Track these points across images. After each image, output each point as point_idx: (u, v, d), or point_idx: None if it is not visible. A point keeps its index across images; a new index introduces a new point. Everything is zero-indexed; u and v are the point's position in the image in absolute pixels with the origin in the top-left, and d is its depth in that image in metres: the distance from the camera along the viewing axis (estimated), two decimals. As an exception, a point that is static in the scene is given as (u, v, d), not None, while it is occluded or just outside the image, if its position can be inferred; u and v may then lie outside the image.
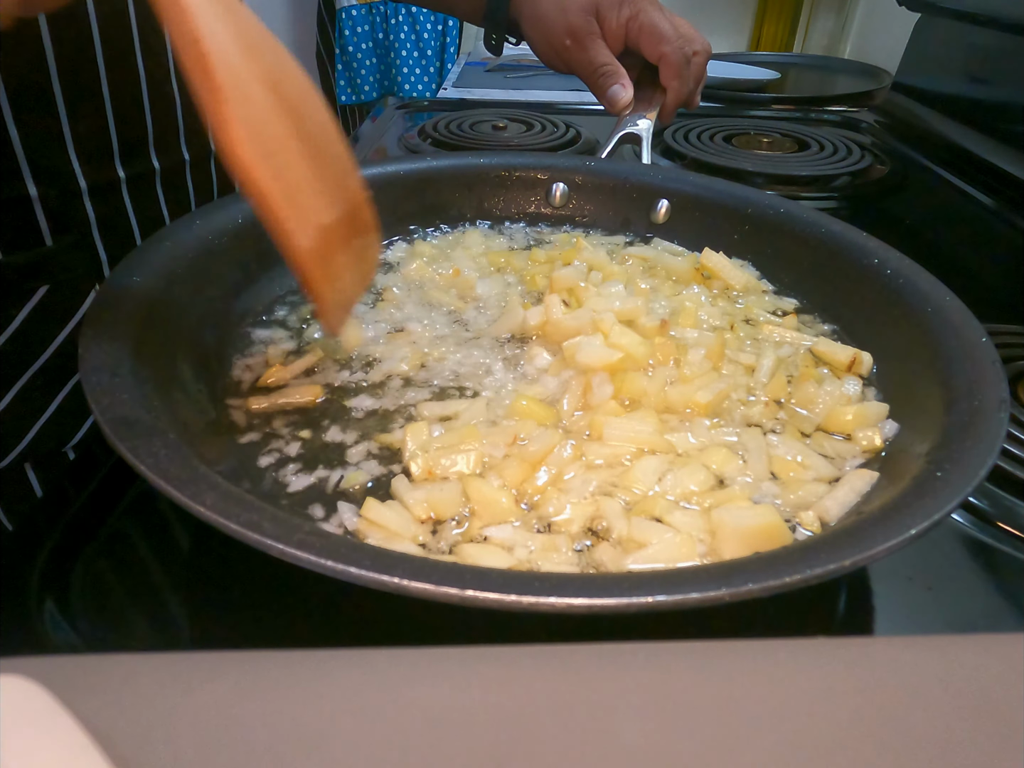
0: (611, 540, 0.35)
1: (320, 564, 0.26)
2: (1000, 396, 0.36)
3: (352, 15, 1.91)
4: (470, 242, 0.63)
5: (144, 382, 0.36)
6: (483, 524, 0.36)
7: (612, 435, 0.40)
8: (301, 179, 0.35)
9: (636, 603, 0.25)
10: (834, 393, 0.44)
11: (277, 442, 0.41)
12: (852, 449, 0.41)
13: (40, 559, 0.36)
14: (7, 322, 0.54)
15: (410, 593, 0.25)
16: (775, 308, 0.56)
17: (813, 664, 0.26)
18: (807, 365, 0.47)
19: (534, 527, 0.36)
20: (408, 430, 0.40)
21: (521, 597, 0.25)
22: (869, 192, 0.90)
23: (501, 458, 0.39)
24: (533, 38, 0.79)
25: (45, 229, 0.55)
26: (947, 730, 0.24)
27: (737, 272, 0.57)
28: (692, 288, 0.56)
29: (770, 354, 0.47)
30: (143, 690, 0.24)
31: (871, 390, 0.46)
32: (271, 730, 0.23)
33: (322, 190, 0.37)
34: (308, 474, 0.39)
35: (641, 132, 0.73)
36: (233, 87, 0.30)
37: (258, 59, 0.32)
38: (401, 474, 0.39)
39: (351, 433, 0.42)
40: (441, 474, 0.38)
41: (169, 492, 0.28)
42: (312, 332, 0.51)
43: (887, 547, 0.27)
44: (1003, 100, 0.94)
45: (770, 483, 0.39)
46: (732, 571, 0.26)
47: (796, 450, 0.41)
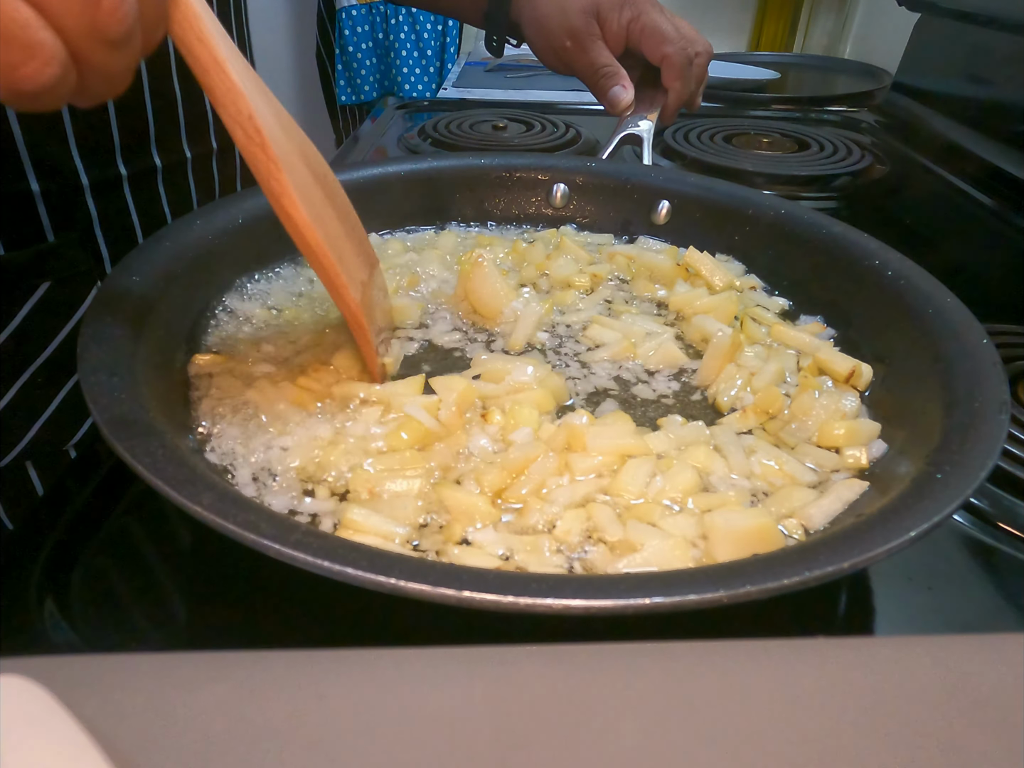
0: (606, 545, 0.35)
1: (317, 565, 0.26)
2: (1001, 398, 0.36)
3: (352, 15, 1.91)
4: (443, 243, 0.63)
5: (143, 382, 0.36)
6: (463, 528, 0.35)
7: (595, 444, 0.39)
8: (341, 240, 0.40)
9: (634, 605, 0.25)
10: (829, 407, 0.43)
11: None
12: (838, 462, 0.40)
13: (40, 559, 0.36)
14: (8, 319, 0.54)
15: (407, 594, 0.25)
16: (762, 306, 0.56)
17: (813, 664, 0.26)
18: (807, 376, 0.46)
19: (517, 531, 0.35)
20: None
21: (518, 598, 0.25)
22: (869, 192, 0.90)
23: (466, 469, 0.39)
24: (533, 40, 0.79)
25: (47, 225, 0.56)
26: (947, 730, 0.24)
27: (720, 271, 0.57)
28: (679, 287, 0.56)
29: (774, 362, 0.47)
30: (143, 690, 0.24)
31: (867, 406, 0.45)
32: (271, 730, 0.23)
33: (356, 251, 0.42)
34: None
35: (642, 133, 0.73)
36: (283, 158, 0.34)
37: (292, 136, 0.36)
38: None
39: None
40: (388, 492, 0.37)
41: (166, 492, 0.28)
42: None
43: (886, 549, 0.27)
44: (1003, 100, 0.94)
45: (755, 487, 0.39)
46: (730, 573, 0.26)
47: (774, 456, 0.40)
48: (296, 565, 0.26)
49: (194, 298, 0.48)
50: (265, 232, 0.53)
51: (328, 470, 0.38)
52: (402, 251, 0.61)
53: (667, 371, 0.49)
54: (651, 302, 0.57)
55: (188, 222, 0.50)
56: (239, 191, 0.64)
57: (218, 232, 0.50)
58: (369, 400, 0.43)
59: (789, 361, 0.48)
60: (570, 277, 0.58)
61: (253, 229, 0.53)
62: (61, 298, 0.57)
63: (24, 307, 0.55)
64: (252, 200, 0.54)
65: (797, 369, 0.48)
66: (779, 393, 0.44)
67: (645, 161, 0.72)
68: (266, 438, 0.40)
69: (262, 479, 0.38)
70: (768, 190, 0.85)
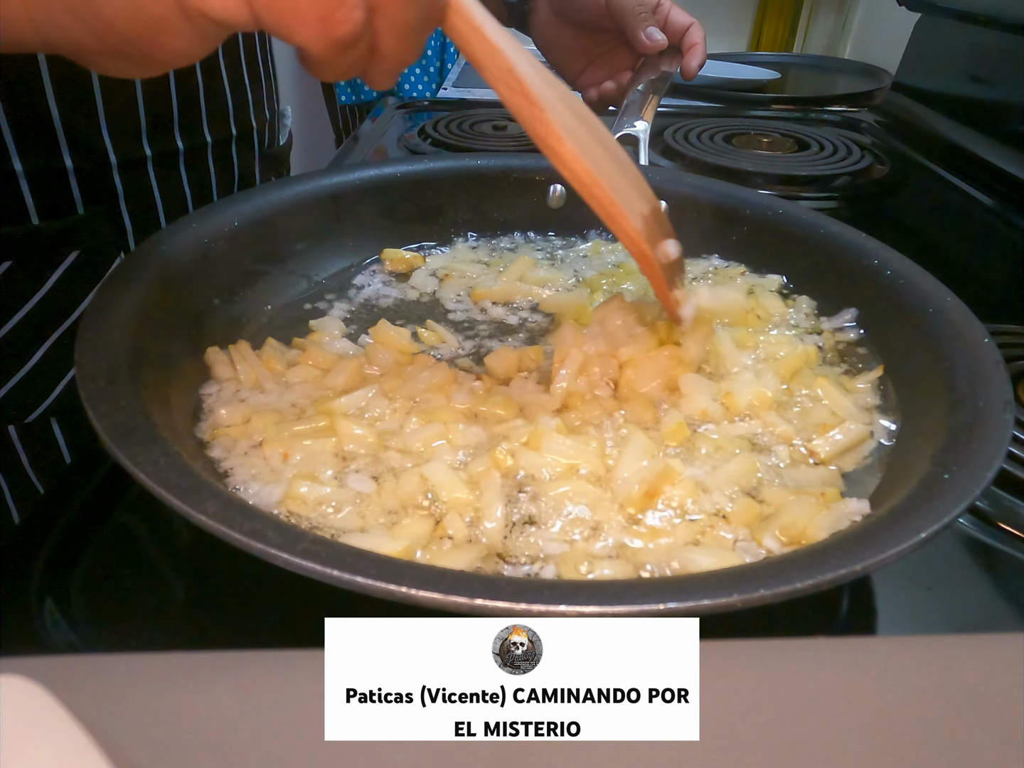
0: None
1: (326, 574, 0.25)
2: (1004, 397, 0.35)
3: (352, 15, 1.90)
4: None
5: (142, 388, 0.35)
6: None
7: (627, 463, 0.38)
8: (614, 176, 0.40)
9: (648, 610, 0.25)
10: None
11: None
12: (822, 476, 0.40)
13: (40, 558, 0.36)
14: (40, 283, 0.59)
15: (418, 602, 0.25)
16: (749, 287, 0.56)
17: (813, 664, 0.26)
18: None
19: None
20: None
21: (531, 605, 0.24)
22: (869, 192, 0.90)
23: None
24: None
25: (78, 199, 0.60)
26: (947, 730, 0.24)
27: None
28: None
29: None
30: (143, 690, 0.24)
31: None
32: (271, 730, 0.23)
33: (632, 188, 0.42)
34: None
35: (638, 134, 0.73)
36: (546, 103, 0.36)
37: (553, 85, 0.37)
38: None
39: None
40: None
41: (170, 501, 0.28)
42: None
43: (898, 551, 0.27)
44: (1003, 100, 0.94)
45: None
46: (743, 577, 0.26)
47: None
48: (305, 575, 0.25)
49: (194, 302, 0.47)
50: (263, 233, 0.53)
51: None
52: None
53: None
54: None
55: (184, 225, 0.49)
56: (235, 192, 0.64)
57: (215, 236, 0.50)
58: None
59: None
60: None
61: (251, 232, 0.52)
62: (88, 265, 0.61)
63: (55, 273, 0.59)
64: (252, 201, 0.54)
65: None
66: (757, 508, 0.37)
67: (642, 161, 0.72)
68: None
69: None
70: (768, 190, 0.85)
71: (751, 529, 0.36)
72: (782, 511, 0.36)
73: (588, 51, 0.83)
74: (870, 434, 0.42)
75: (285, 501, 0.36)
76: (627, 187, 0.41)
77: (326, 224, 0.59)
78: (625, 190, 0.41)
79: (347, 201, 0.60)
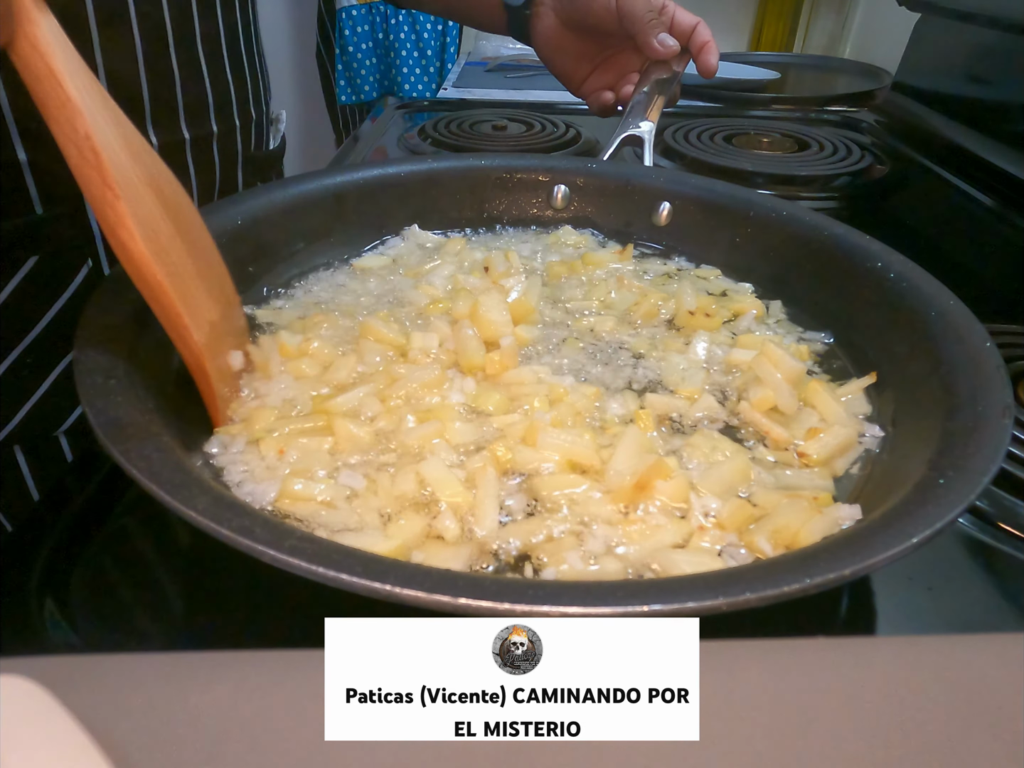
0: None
1: (311, 571, 0.25)
2: (1004, 402, 0.35)
3: (352, 15, 1.91)
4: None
5: (139, 385, 0.36)
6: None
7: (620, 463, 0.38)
8: (189, 278, 0.37)
9: (632, 611, 0.25)
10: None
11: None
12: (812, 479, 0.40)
13: (40, 559, 0.36)
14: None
15: (402, 600, 0.25)
16: (722, 290, 0.58)
17: (813, 664, 0.26)
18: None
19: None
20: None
21: (515, 605, 0.24)
22: (869, 192, 0.90)
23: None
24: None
25: (35, 196, 0.54)
26: (947, 730, 0.24)
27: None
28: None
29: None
30: (143, 690, 0.24)
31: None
32: (271, 730, 0.23)
33: (207, 289, 0.39)
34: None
35: (643, 134, 0.73)
36: (124, 186, 0.32)
37: (142, 163, 0.34)
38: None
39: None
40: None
41: (160, 496, 0.28)
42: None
43: (887, 556, 0.27)
44: (1003, 100, 0.93)
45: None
46: (730, 580, 0.26)
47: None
48: (291, 571, 0.26)
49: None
50: (263, 234, 0.54)
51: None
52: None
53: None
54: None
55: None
56: (240, 192, 0.64)
57: (215, 233, 0.49)
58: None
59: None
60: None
61: (250, 231, 0.53)
62: (49, 273, 0.55)
63: (11, 281, 0.53)
64: (251, 201, 0.54)
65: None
66: (750, 509, 0.37)
67: (646, 162, 0.72)
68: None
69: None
70: (768, 190, 0.85)
71: (742, 532, 0.35)
72: (774, 514, 0.36)
73: (594, 56, 0.83)
74: (861, 438, 0.42)
75: (280, 499, 0.36)
76: (200, 289, 0.38)
77: (327, 224, 0.59)
78: (197, 294, 0.38)
79: (350, 200, 0.60)
